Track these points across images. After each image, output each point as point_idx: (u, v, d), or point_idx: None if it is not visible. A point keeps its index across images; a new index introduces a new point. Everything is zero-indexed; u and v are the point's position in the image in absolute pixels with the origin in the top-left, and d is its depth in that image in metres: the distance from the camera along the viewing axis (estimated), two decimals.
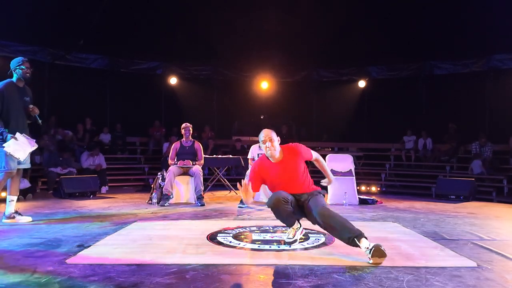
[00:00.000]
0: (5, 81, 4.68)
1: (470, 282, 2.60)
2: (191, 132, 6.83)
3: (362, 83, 12.02)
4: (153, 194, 6.46)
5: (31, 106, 4.80)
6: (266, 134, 3.50)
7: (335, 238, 3.78)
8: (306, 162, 3.62)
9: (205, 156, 7.39)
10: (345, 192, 6.56)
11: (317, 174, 4.05)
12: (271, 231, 4.22)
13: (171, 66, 11.93)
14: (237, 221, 4.89)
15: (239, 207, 6.17)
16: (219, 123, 12.38)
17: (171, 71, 11.92)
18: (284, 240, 3.63)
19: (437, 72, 11.10)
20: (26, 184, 7.18)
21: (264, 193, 3.81)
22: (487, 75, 10.18)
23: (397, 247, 3.52)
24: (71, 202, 6.61)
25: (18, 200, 4.88)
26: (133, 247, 3.47)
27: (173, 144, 6.98)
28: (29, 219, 4.74)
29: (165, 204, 6.17)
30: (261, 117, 11.99)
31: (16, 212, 4.71)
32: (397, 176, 9.94)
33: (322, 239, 3.78)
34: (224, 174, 8.96)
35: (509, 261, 3.12)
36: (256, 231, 4.17)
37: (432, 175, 9.19)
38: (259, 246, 3.50)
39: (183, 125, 6.85)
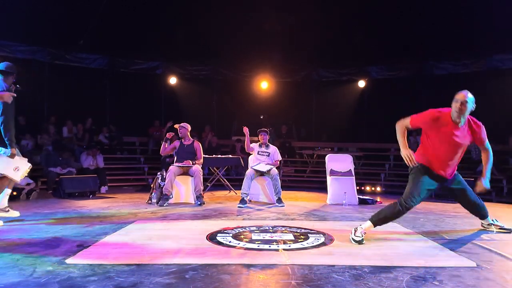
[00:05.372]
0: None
1: (469, 282, 2.60)
2: (187, 129, 6.79)
3: (361, 83, 12.03)
4: (153, 194, 6.46)
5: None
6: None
7: (335, 238, 3.79)
8: None
9: (205, 156, 7.39)
10: (345, 192, 6.56)
11: (317, 174, 4.05)
12: (271, 231, 4.22)
13: (171, 66, 11.94)
14: (237, 221, 4.89)
15: (238, 206, 6.17)
16: (219, 123, 12.38)
17: (171, 71, 11.92)
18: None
19: (437, 72, 11.10)
20: (27, 181, 7.21)
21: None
22: (487, 75, 10.17)
23: (397, 247, 3.52)
24: (71, 202, 6.61)
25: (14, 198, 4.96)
26: (132, 247, 3.47)
27: (174, 142, 6.98)
28: (17, 213, 4.87)
29: (164, 205, 6.16)
30: (261, 117, 11.98)
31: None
32: (397, 176, 9.94)
33: (322, 239, 3.78)
34: (223, 174, 8.96)
35: (508, 261, 3.12)
36: (255, 231, 4.17)
37: None
38: (258, 246, 3.50)
39: (179, 124, 6.84)
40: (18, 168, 4.55)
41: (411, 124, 3.88)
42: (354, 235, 3.62)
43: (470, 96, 3.76)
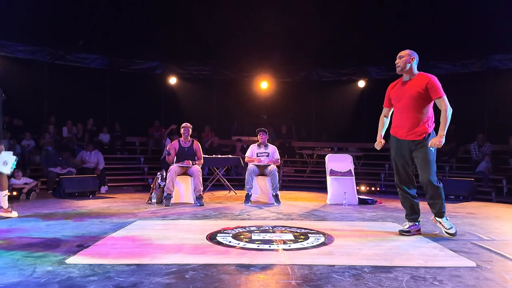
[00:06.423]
0: None
1: (469, 282, 2.60)
2: (190, 132, 6.80)
3: (361, 83, 12.04)
4: (153, 194, 6.46)
5: None
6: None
7: (335, 238, 3.80)
8: None
9: (205, 156, 7.37)
10: (345, 192, 6.56)
11: (317, 174, 4.07)
12: (271, 231, 4.22)
13: (171, 66, 11.94)
14: (237, 221, 4.89)
15: (245, 204, 6.30)
16: (219, 123, 12.38)
17: (171, 71, 11.93)
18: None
19: (436, 72, 11.04)
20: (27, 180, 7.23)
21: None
22: (486, 75, 10.18)
23: (397, 247, 3.52)
24: (71, 202, 6.61)
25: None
26: (132, 247, 3.47)
27: (173, 143, 6.93)
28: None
29: (169, 204, 6.17)
30: (265, 117, 12.00)
31: None
32: None
33: (322, 239, 3.78)
34: (223, 174, 8.96)
35: (508, 261, 3.12)
36: (255, 231, 4.17)
37: None
38: (258, 246, 3.50)
39: (183, 124, 6.81)
40: (6, 162, 4.82)
41: (385, 105, 4.39)
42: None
43: (407, 51, 4.07)
